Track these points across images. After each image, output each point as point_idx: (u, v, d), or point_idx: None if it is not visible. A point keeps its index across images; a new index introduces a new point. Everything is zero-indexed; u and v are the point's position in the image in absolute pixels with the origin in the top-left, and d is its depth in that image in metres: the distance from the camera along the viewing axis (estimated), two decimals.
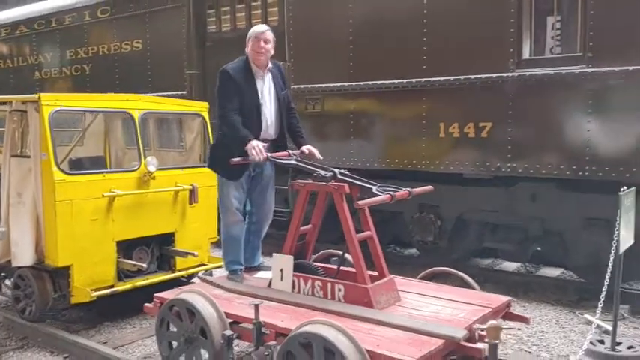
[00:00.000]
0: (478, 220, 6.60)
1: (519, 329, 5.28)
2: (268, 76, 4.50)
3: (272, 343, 3.36)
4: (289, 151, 4.49)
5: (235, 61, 4.45)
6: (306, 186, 4.03)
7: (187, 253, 5.36)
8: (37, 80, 11.00)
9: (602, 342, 4.67)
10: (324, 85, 7.11)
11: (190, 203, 5.52)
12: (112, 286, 5.01)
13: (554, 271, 7.14)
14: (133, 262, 5.07)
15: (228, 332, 3.58)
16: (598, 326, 5.01)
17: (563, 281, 6.70)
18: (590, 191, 5.74)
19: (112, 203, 4.94)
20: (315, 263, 4.28)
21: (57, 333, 4.82)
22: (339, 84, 7.00)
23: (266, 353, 3.34)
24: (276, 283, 4.09)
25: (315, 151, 4.54)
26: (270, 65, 4.49)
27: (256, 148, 4.13)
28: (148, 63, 9.05)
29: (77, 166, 5.73)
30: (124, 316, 5.49)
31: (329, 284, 3.90)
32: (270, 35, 4.41)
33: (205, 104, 5.97)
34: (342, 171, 4.05)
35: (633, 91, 5.25)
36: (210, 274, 5.74)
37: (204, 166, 5.75)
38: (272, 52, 4.47)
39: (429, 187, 4.32)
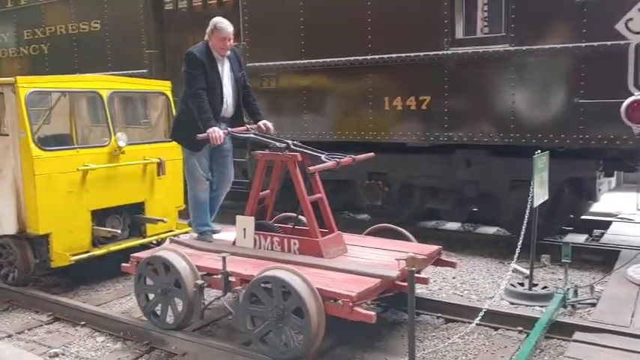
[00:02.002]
0: (421, 184, 7.30)
1: (454, 278, 6.04)
2: (227, 60, 5.02)
3: (238, 288, 3.97)
4: (247, 126, 5.05)
5: (198, 45, 4.94)
6: (264, 156, 4.61)
7: (157, 220, 5.89)
8: None
9: (522, 284, 5.47)
10: (277, 63, 7.62)
11: (158, 175, 6.01)
12: (87, 252, 5.49)
13: (490, 230, 7.94)
14: (108, 230, 5.57)
15: (200, 282, 4.17)
16: (515, 270, 5.75)
17: (495, 237, 7.51)
18: (516, 156, 6.49)
19: (85, 176, 5.40)
20: (275, 224, 4.87)
21: (40, 295, 5.31)
22: (292, 62, 7.53)
23: (233, 296, 3.94)
24: (240, 241, 4.68)
25: (270, 125, 5.12)
26: (228, 52, 5.01)
27: (216, 134, 4.64)
28: (107, 43, 9.33)
29: (45, 143, 6.12)
30: (99, 280, 5.99)
31: (285, 240, 4.51)
32: (232, 33, 4.94)
33: (168, 83, 6.42)
34: (295, 142, 4.64)
35: (549, 67, 5.99)
36: None
37: (169, 141, 6.26)
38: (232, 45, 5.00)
39: (371, 154, 4.96)
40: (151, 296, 4.54)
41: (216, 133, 4.63)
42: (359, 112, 7.15)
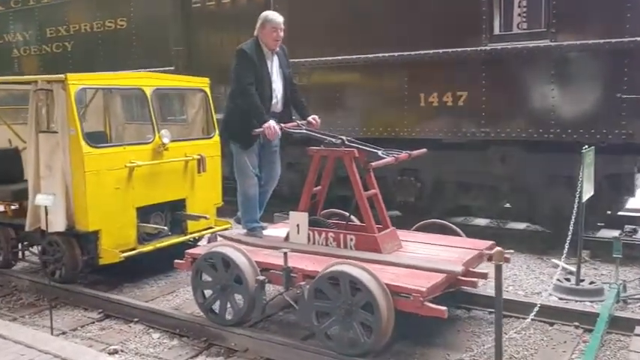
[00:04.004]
0: (454, 181, 7.29)
1: None
2: (275, 57, 5.03)
3: (302, 283, 3.96)
4: (297, 122, 5.05)
5: (248, 41, 4.94)
6: (319, 151, 4.60)
7: (200, 217, 5.89)
8: (15, 58, 11.10)
9: (568, 280, 5.48)
10: (310, 59, 7.59)
11: (199, 172, 6.01)
12: (134, 249, 5.49)
13: (520, 225, 7.93)
14: (154, 226, 5.58)
15: (261, 277, 4.17)
16: (563, 268, 5.78)
17: (530, 232, 7.51)
18: (553, 151, 6.49)
19: (131, 173, 5.39)
20: (328, 220, 4.86)
21: (89, 292, 5.31)
22: (324, 58, 7.52)
23: (298, 292, 3.94)
24: (294, 237, 4.67)
25: (318, 119, 5.12)
26: (277, 49, 5.01)
27: (272, 129, 4.66)
28: (134, 40, 9.33)
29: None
30: (141, 277, 5.98)
31: (341, 235, 4.51)
32: (282, 23, 4.92)
33: (207, 80, 6.41)
34: (349, 138, 4.64)
35: (591, 62, 5.98)
36: (216, 237, 6.28)
37: (208, 138, 6.29)
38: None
39: (424, 150, 4.95)
40: (208, 292, 4.53)
41: (272, 128, 4.64)
42: (394, 108, 7.14)
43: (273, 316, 4.86)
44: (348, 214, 4.92)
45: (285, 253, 4.09)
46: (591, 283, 5.39)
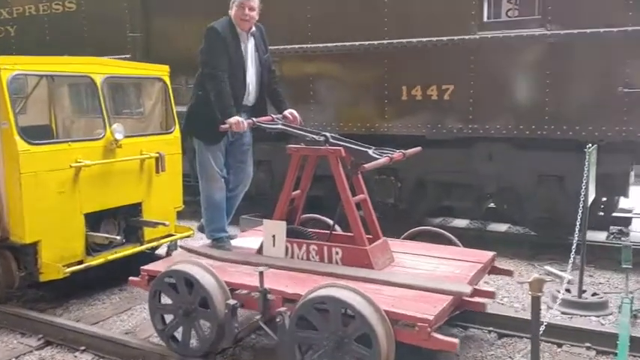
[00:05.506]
0: (437, 180, 6.75)
1: (486, 283, 5.51)
2: (252, 39, 4.36)
3: (282, 309, 3.32)
4: (272, 116, 4.40)
5: (221, 20, 4.27)
6: (299, 150, 3.96)
7: (158, 224, 5.18)
8: None
9: (568, 291, 4.99)
10: (281, 47, 6.91)
11: (157, 172, 5.30)
12: (81, 262, 4.76)
13: (502, 227, 7.47)
14: (105, 235, 4.85)
15: (232, 301, 3.50)
16: (551, 273, 5.30)
17: (516, 235, 7.04)
18: (543, 149, 6.01)
19: (78, 174, 4.66)
20: (308, 229, 4.23)
21: (27, 313, 4.54)
22: (297, 46, 6.87)
23: (277, 320, 3.30)
24: (269, 250, 4.03)
25: (297, 115, 4.48)
26: (253, 29, 4.35)
27: (240, 124, 4.02)
28: (84, 25, 8.49)
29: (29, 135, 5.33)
30: (91, 293, 5.25)
31: (325, 248, 3.88)
32: (255, 2, 4.27)
33: (166, 68, 5.69)
34: (333, 135, 4.02)
35: (590, 53, 5.50)
36: (175, 246, 5.60)
37: (167, 133, 5.58)
38: (257, 17, 4.32)
39: (419, 148, 4.39)
40: (167, 317, 3.84)
41: (240, 123, 3.99)
42: (372, 102, 6.58)
43: (245, 340, 4.19)
44: (330, 220, 4.30)
45: (262, 272, 3.43)
46: (594, 294, 4.92)
